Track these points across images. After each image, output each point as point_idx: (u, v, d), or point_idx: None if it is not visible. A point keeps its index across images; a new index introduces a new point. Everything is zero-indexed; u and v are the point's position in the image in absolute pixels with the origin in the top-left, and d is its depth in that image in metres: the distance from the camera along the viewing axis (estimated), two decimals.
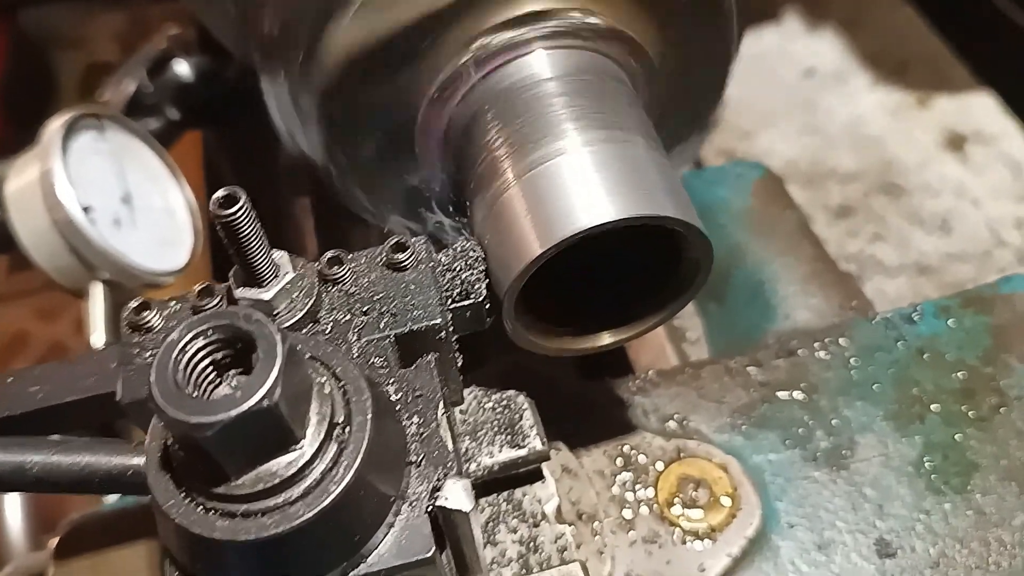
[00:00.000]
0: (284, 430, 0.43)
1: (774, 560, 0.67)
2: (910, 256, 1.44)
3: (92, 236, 0.95)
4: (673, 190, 0.58)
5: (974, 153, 1.51)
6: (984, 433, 0.72)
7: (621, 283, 0.64)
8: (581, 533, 0.67)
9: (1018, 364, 0.75)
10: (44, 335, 1.65)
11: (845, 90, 1.58)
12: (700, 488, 0.69)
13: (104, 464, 0.47)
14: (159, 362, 0.42)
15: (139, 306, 0.54)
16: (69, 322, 1.61)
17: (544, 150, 0.58)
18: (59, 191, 0.94)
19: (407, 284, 0.55)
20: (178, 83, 1.12)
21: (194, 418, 0.40)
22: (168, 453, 0.45)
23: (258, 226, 0.49)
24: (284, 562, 0.45)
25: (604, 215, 0.55)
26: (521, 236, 0.56)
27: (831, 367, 0.76)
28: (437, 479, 0.48)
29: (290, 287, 0.52)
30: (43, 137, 0.98)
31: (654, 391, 0.75)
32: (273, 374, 0.41)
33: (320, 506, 0.43)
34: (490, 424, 0.62)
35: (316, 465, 0.44)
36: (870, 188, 1.50)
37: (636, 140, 0.60)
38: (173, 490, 0.44)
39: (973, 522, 0.68)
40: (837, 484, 0.70)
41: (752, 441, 0.72)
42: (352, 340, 0.53)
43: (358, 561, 0.47)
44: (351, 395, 0.46)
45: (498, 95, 0.64)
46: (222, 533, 0.43)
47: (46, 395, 0.56)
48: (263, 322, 0.42)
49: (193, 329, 0.42)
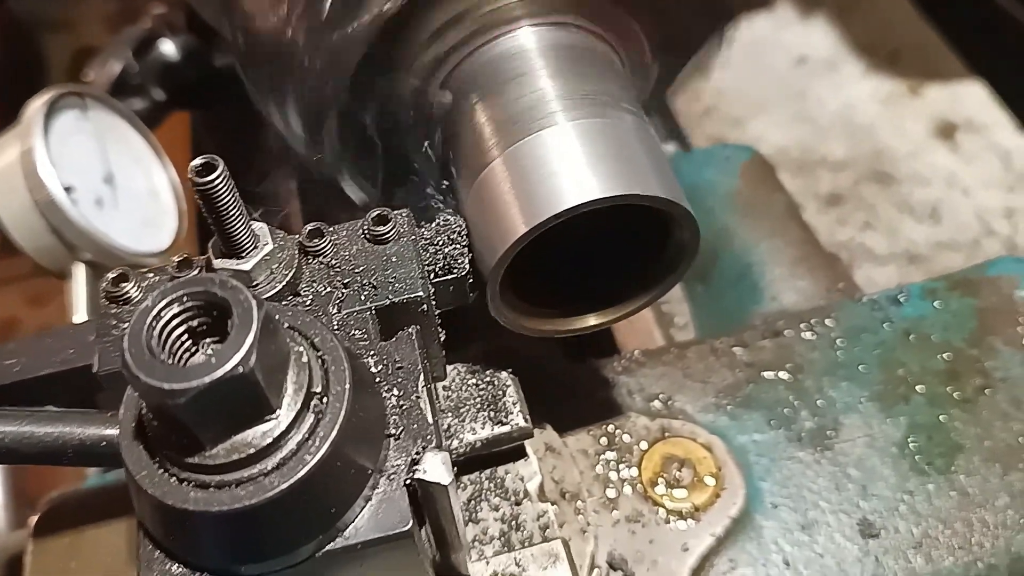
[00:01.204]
0: (259, 399, 0.42)
1: (758, 540, 0.67)
2: (899, 244, 1.45)
3: (74, 216, 0.94)
4: (661, 170, 0.57)
5: (965, 142, 1.51)
6: (969, 415, 0.72)
7: (607, 264, 0.63)
8: (564, 512, 0.66)
9: (1003, 346, 0.75)
10: (34, 321, 1.64)
11: (837, 78, 1.58)
12: (684, 468, 0.69)
13: (77, 435, 0.46)
14: (133, 329, 0.41)
15: (117, 277, 0.54)
16: (59, 308, 1.59)
17: (528, 124, 0.57)
18: (40, 170, 0.93)
19: (388, 257, 0.54)
20: (164, 63, 1.11)
21: (167, 384, 0.39)
22: (142, 423, 0.44)
23: (237, 195, 0.49)
24: (258, 534, 0.44)
25: (590, 193, 0.54)
26: (505, 214, 0.55)
27: (817, 348, 0.75)
28: (416, 452, 0.48)
29: (269, 258, 0.52)
30: (24, 115, 0.96)
31: (639, 371, 0.75)
32: (248, 340, 0.40)
33: (295, 477, 0.43)
34: (473, 401, 0.61)
35: (292, 435, 0.43)
36: (860, 176, 1.50)
37: (624, 118, 0.60)
38: (147, 461, 0.44)
39: (956, 503, 0.68)
40: (821, 465, 0.70)
41: (737, 421, 0.72)
42: (332, 312, 0.52)
43: (334, 535, 0.46)
44: (329, 365, 0.46)
45: (484, 72, 0.63)
46: (195, 504, 0.42)
47: (23, 368, 0.55)
48: (238, 289, 0.42)
49: (168, 296, 0.42)
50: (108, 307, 0.54)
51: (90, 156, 1.02)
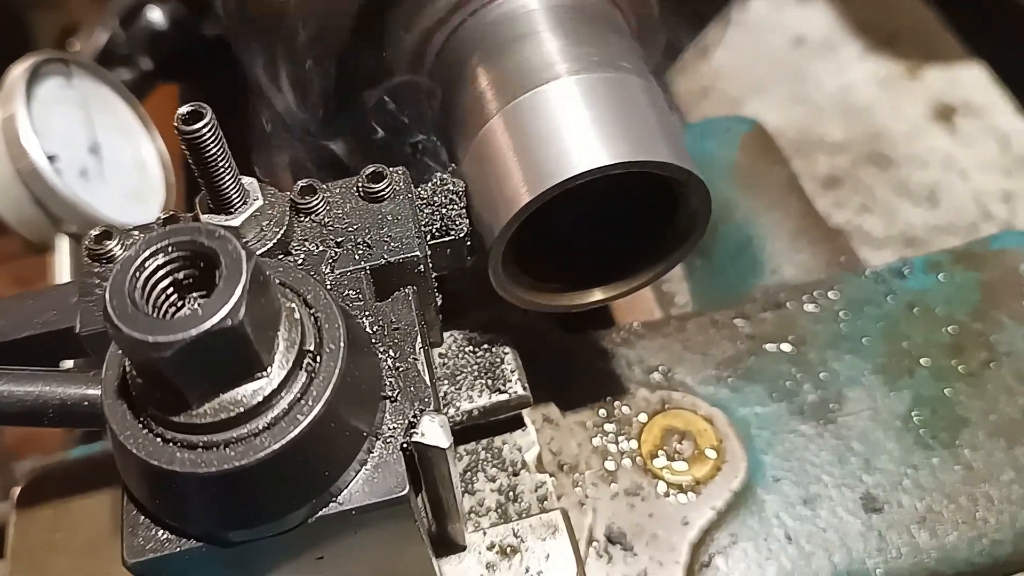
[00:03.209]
0: (249, 354, 0.40)
1: (759, 514, 0.66)
2: (897, 227, 1.44)
3: (57, 186, 0.91)
4: (671, 134, 0.54)
5: (963, 125, 1.50)
6: (973, 388, 0.71)
7: (612, 234, 0.60)
8: (562, 484, 0.65)
9: (1008, 320, 0.74)
10: None
11: (835, 60, 1.57)
12: (685, 440, 0.67)
13: (57, 394, 0.44)
14: (115, 279, 0.39)
15: (100, 235, 0.51)
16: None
17: (529, 79, 0.55)
18: (23, 138, 0.90)
19: (384, 215, 0.52)
20: (151, 31, 1.08)
21: (151, 337, 0.37)
22: (126, 382, 0.42)
23: (225, 146, 0.47)
24: (248, 497, 0.42)
25: (598, 159, 0.51)
26: (507, 180, 0.53)
27: (820, 320, 0.74)
28: (413, 415, 0.46)
29: (259, 215, 0.50)
30: (5, 82, 0.94)
31: (639, 343, 0.73)
32: (237, 292, 0.38)
33: (287, 438, 0.41)
34: (470, 368, 0.59)
35: (283, 394, 0.41)
36: (858, 159, 1.49)
37: (631, 79, 0.57)
38: (131, 421, 0.42)
39: (961, 477, 0.67)
40: (824, 438, 0.69)
41: (738, 394, 0.71)
42: (325, 272, 0.50)
43: (327, 499, 0.44)
44: (323, 323, 0.44)
45: (485, 32, 0.61)
46: (182, 465, 0.40)
47: (3, 329, 0.53)
48: (227, 238, 0.39)
49: (152, 245, 0.40)
50: (91, 266, 0.52)
51: (75, 125, 0.99)
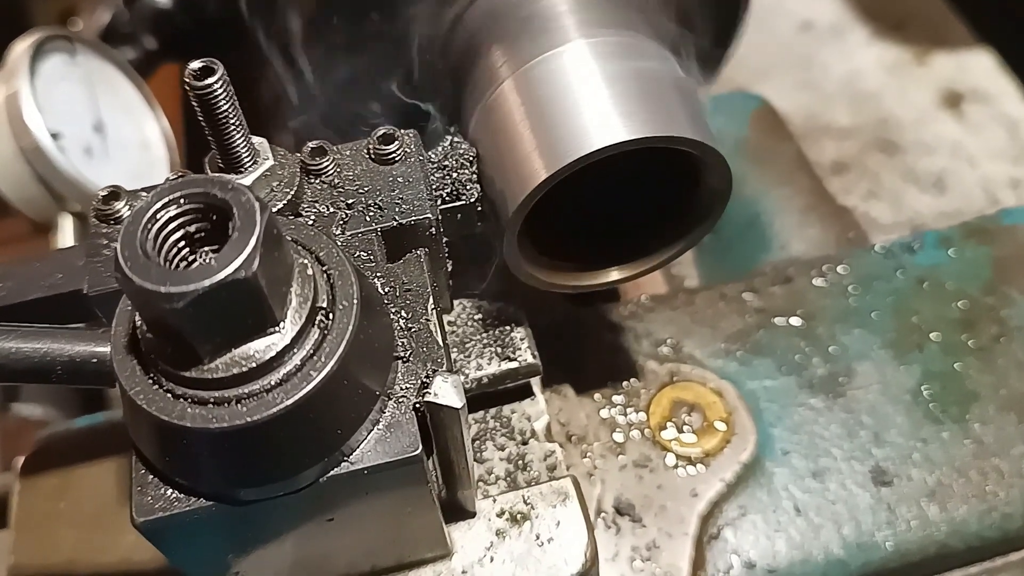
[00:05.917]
0: (262, 308, 0.40)
1: (768, 487, 0.66)
2: (904, 214, 1.43)
3: (61, 164, 0.91)
4: (692, 110, 0.52)
5: (971, 112, 1.49)
6: (984, 363, 0.70)
7: (628, 210, 0.59)
8: (570, 455, 0.64)
9: (1019, 295, 0.74)
10: None
11: (842, 45, 1.56)
12: (694, 413, 0.67)
13: (66, 351, 0.44)
14: (127, 230, 0.39)
15: (108, 195, 0.51)
16: None
17: (542, 43, 0.54)
18: (26, 115, 0.90)
19: (395, 177, 0.52)
20: (155, 9, 1.07)
21: (164, 288, 0.37)
22: (136, 337, 0.42)
23: (236, 103, 0.46)
24: (259, 455, 0.42)
25: (617, 134, 0.49)
26: (522, 153, 0.51)
27: (829, 295, 0.74)
28: (426, 375, 0.45)
29: (269, 175, 0.49)
30: (9, 58, 0.93)
31: (647, 316, 0.73)
32: (251, 243, 0.38)
33: (299, 394, 0.40)
34: (479, 336, 0.59)
35: (296, 351, 0.41)
36: (865, 145, 1.48)
37: (649, 46, 0.54)
38: (141, 376, 0.41)
39: (971, 451, 0.67)
40: (833, 411, 0.69)
41: (747, 367, 0.70)
42: (336, 234, 0.50)
43: (339, 459, 0.44)
44: (336, 280, 0.43)
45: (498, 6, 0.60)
46: (192, 420, 0.40)
47: (9, 292, 0.53)
48: (240, 190, 0.39)
49: (164, 196, 0.39)
50: (98, 227, 0.51)
51: (79, 103, 0.99)
